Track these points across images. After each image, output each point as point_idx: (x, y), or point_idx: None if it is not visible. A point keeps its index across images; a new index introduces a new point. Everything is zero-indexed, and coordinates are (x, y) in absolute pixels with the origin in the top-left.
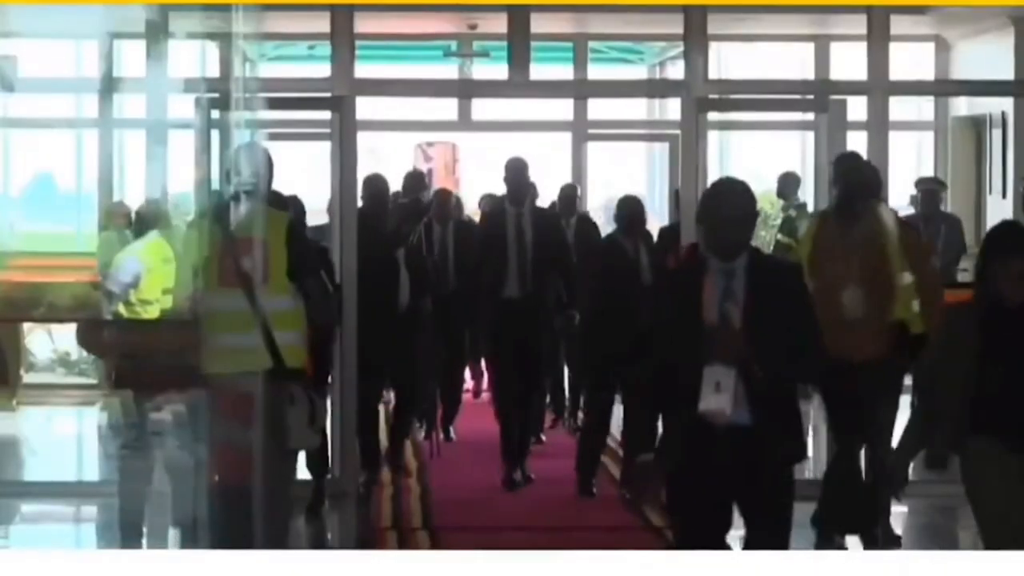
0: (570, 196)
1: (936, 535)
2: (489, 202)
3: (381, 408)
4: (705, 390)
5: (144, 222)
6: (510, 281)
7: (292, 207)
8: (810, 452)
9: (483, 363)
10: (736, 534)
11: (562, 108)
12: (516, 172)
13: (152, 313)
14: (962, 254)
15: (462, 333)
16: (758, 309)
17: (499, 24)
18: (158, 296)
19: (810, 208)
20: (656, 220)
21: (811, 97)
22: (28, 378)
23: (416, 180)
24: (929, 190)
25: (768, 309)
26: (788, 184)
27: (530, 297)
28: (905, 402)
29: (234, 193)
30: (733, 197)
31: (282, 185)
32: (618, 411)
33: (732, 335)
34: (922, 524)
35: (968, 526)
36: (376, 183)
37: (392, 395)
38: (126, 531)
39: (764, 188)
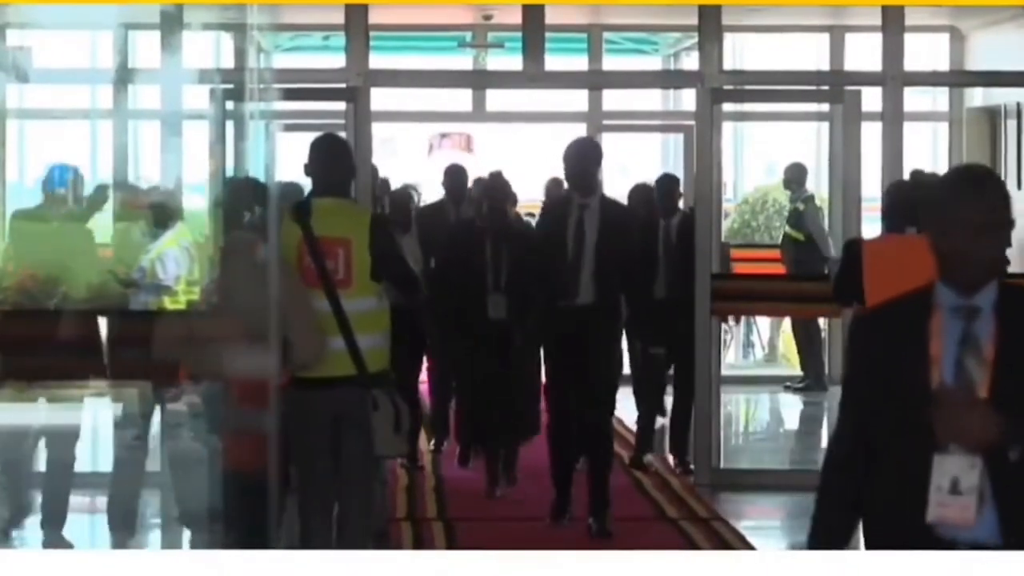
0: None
1: None
2: (552, 187)
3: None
4: (936, 489)
5: (167, 212)
6: (568, 287)
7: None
8: None
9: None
10: None
11: (577, 99)
12: (578, 155)
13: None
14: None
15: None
16: (1018, 367)
17: (514, 15)
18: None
19: (819, 201)
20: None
21: (826, 88)
22: None
23: (458, 174)
24: None
25: None
26: (795, 175)
27: (589, 308)
28: None
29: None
30: (985, 197)
31: (296, 176)
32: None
33: (977, 406)
34: None
35: None
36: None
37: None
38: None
39: (777, 179)
